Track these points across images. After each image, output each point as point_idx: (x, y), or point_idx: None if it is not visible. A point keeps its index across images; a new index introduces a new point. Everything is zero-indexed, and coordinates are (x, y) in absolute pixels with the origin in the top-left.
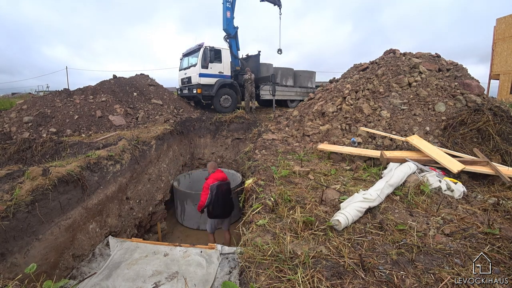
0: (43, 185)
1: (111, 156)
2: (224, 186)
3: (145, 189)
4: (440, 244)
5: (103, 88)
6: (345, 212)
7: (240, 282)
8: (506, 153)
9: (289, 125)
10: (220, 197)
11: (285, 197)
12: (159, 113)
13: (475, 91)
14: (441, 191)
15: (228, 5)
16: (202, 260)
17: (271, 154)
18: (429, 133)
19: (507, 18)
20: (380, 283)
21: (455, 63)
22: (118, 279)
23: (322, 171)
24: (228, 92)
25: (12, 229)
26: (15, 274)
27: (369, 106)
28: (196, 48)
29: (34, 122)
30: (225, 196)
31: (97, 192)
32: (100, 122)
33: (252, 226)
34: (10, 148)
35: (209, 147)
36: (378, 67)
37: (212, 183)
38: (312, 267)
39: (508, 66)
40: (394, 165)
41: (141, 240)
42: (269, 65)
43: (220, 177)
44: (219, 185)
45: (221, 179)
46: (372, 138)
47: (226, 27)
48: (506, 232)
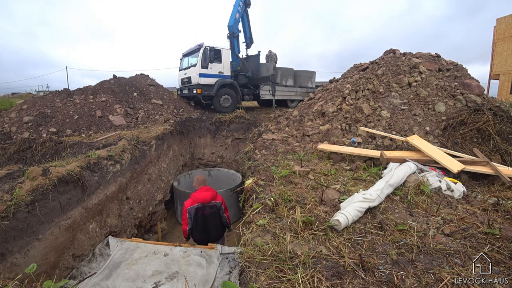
0: (43, 185)
1: (111, 156)
2: (207, 209)
3: (145, 189)
4: (440, 244)
5: (103, 88)
6: (345, 212)
7: (240, 282)
8: (506, 153)
9: (289, 125)
10: (201, 222)
11: (285, 197)
12: (159, 113)
13: (475, 91)
14: (441, 191)
15: (239, 9)
16: (202, 260)
17: (271, 154)
18: (429, 133)
19: (507, 18)
20: (380, 283)
21: (455, 63)
22: (118, 279)
23: (322, 171)
24: (228, 92)
25: (12, 229)
26: (15, 274)
27: (369, 106)
28: (196, 48)
29: (34, 122)
30: (208, 221)
31: (97, 192)
32: (100, 122)
33: (252, 226)
34: (10, 148)
35: (209, 147)
36: (378, 67)
37: (190, 206)
38: (312, 267)
39: (508, 66)
40: (394, 165)
41: (141, 240)
42: (269, 65)
43: (201, 198)
44: (199, 208)
45: (202, 200)
46: (372, 138)
47: (232, 23)
48: (506, 232)
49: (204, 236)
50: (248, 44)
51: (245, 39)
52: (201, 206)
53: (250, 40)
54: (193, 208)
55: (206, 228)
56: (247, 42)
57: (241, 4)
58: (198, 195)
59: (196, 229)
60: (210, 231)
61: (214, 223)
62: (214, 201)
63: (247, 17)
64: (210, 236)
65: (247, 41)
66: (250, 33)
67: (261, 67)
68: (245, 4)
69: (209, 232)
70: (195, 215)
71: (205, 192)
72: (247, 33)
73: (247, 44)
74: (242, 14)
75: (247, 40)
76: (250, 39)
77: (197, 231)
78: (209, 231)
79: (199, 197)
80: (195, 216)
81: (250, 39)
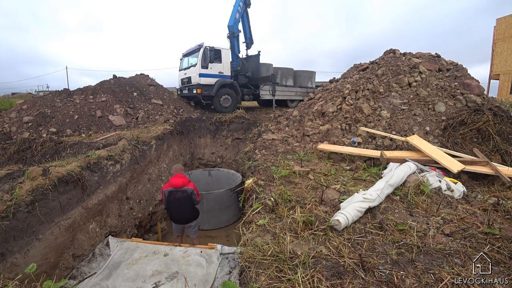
0: (43, 185)
1: (111, 156)
2: (178, 194)
3: (145, 189)
4: (440, 244)
5: (103, 88)
6: (345, 212)
7: (240, 282)
8: (506, 153)
9: (289, 125)
10: (174, 203)
11: (285, 197)
12: (159, 113)
13: (475, 91)
14: (441, 191)
15: (239, 9)
16: (202, 260)
17: (271, 154)
18: (429, 133)
19: (507, 18)
20: (380, 283)
21: (455, 63)
22: (118, 279)
23: (322, 171)
24: (228, 92)
25: (12, 229)
26: (15, 274)
27: (369, 106)
28: (196, 48)
29: (34, 122)
30: (181, 204)
31: (97, 192)
32: (100, 122)
33: (252, 226)
34: (10, 148)
35: (209, 147)
36: (378, 67)
37: (165, 189)
38: (312, 267)
39: (508, 66)
40: (394, 165)
41: (141, 240)
42: (269, 65)
43: (173, 183)
44: (171, 192)
45: (174, 185)
46: (372, 138)
47: (232, 23)
48: (506, 232)
49: (179, 216)
50: (248, 44)
51: (245, 39)
52: (173, 190)
53: (250, 40)
54: (167, 191)
55: (179, 210)
56: (247, 42)
57: (241, 4)
58: (172, 180)
59: (171, 210)
60: (183, 213)
61: (186, 206)
62: (186, 187)
63: (247, 17)
64: (184, 216)
65: (247, 41)
66: (250, 33)
67: (261, 67)
68: (245, 4)
69: (183, 213)
70: (168, 196)
71: (177, 178)
72: (247, 33)
73: (247, 44)
74: (242, 14)
75: (247, 40)
76: (250, 39)
77: (173, 211)
78: (182, 212)
79: (172, 182)
80: (168, 198)
81: (250, 39)
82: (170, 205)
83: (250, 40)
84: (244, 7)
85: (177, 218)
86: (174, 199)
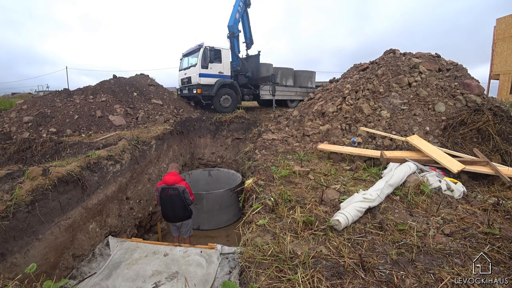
0: (43, 185)
1: (111, 156)
2: (170, 191)
3: (145, 189)
4: (440, 244)
5: (103, 88)
6: (345, 212)
7: (240, 282)
8: (506, 153)
9: (289, 125)
10: (166, 201)
11: (285, 197)
12: (159, 113)
13: (475, 91)
14: (441, 191)
15: (239, 9)
16: (202, 260)
17: (271, 154)
18: (429, 133)
19: (507, 18)
20: (380, 283)
21: (455, 63)
22: (118, 279)
23: (322, 171)
24: (228, 92)
25: (12, 229)
26: (15, 274)
27: (369, 106)
28: (196, 48)
29: (34, 122)
30: (173, 201)
31: (97, 192)
32: (100, 122)
33: (252, 226)
34: (10, 148)
35: (209, 147)
36: (378, 67)
37: (159, 185)
38: (312, 267)
39: (508, 66)
40: (394, 165)
41: (141, 240)
42: (269, 65)
43: (166, 180)
44: (164, 189)
45: (166, 182)
46: (372, 138)
47: (232, 23)
48: (506, 232)
49: (170, 214)
50: (248, 44)
51: (245, 39)
52: (166, 187)
53: (250, 41)
54: (160, 187)
55: (171, 207)
56: (247, 42)
57: (241, 4)
58: (165, 177)
59: (164, 207)
60: (175, 210)
61: (178, 204)
62: (177, 185)
63: (247, 17)
64: (175, 214)
65: (247, 41)
66: (250, 33)
67: (261, 67)
68: (245, 4)
69: (174, 211)
70: (160, 193)
71: (170, 176)
72: (247, 33)
73: (247, 44)
74: (242, 14)
75: (247, 40)
76: (250, 39)
77: (164, 209)
78: (174, 210)
79: (165, 179)
80: (160, 194)
81: (250, 39)
82: (162, 201)
83: (250, 40)
84: (244, 7)
85: (168, 215)
86: (166, 196)
